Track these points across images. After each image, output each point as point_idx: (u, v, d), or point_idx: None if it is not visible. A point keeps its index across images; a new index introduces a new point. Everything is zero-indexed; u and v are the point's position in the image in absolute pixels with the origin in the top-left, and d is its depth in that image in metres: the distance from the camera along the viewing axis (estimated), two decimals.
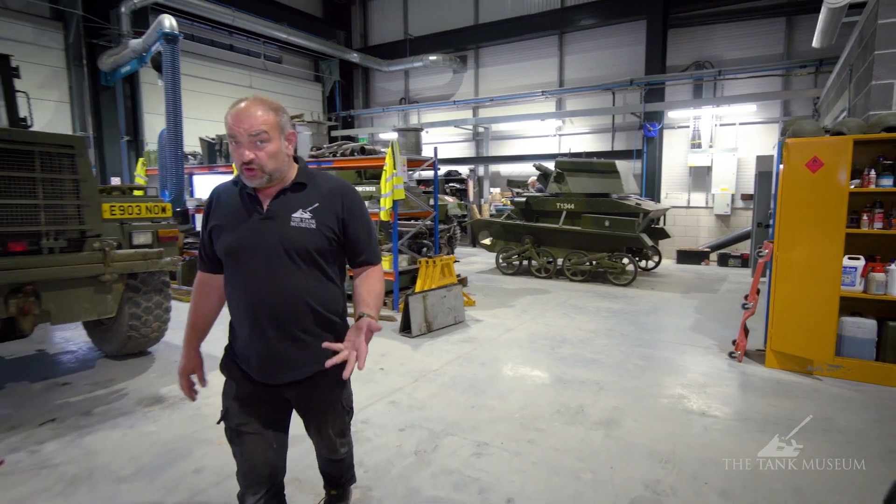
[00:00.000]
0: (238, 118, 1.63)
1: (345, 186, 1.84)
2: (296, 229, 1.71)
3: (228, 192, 1.83)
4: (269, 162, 1.66)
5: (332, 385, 1.90)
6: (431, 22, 16.30)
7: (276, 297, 1.71)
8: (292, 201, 1.74)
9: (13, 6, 10.52)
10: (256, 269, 1.71)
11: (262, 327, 1.74)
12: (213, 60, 14.38)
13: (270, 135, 1.65)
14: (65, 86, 11.26)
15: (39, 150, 3.92)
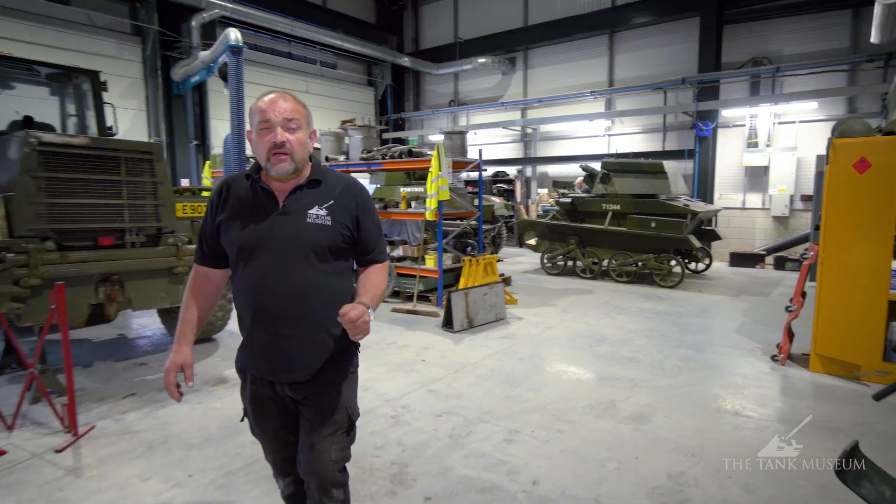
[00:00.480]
0: (273, 103, 1.65)
1: (357, 185, 1.86)
2: (312, 225, 1.70)
3: (239, 185, 1.78)
4: (299, 149, 1.68)
5: (336, 390, 1.81)
6: (481, 25, 16.50)
7: (285, 291, 1.69)
8: (308, 198, 1.73)
9: (99, 24, 11.57)
10: (269, 264, 1.68)
11: (272, 323, 1.71)
12: (272, 68, 15.17)
13: (301, 123, 1.69)
14: (142, 95, 12.26)
15: (124, 156, 4.44)
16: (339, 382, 1.82)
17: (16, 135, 4.23)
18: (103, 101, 6.09)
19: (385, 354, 5.31)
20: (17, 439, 3.46)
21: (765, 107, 11.59)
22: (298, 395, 1.79)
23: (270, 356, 1.74)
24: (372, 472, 3.05)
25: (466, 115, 17.36)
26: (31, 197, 4.01)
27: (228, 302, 5.58)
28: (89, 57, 10.97)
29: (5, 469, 3.07)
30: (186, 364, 1.80)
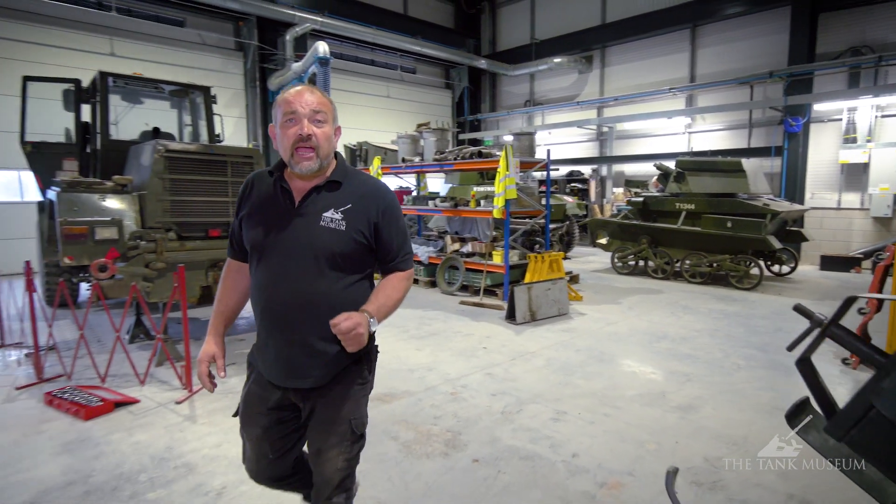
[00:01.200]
0: (300, 94, 1.61)
1: (382, 189, 1.77)
2: (324, 229, 1.62)
3: (263, 181, 1.75)
4: (325, 144, 1.63)
5: (342, 399, 1.73)
6: (557, 25, 16.53)
7: (292, 298, 1.63)
8: (325, 199, 1.66)
9: (209, 42, 13.00)
10: (278, 266, 1.65)
11: (280, 328, 1.67)
12: (356, 74, 16.14)
13: (327, 117, 1.64)
14: (243, 104, 13.60)
15: (230, 160, 5.21)
16: (344, 395, 1.73)
17: (148, 143, 5.11)
18: (213, 113, 7.01)
19: (450, 342, 5.73)
20: (146, 392, 4.25)
21: (865, 99, 10.76)
22: (303, 401, 1.75)
23: (278, 361, 1.69)
24: (429, 437, 3.47)
25: (542, 115, 17.46)
26: (158, 195, 4.85)
27: None
28: (199, 71, 12.39)
29: (140, 414, 3.84)
30: (217, 355, 1.81)
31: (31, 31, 10.46)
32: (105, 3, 11.31)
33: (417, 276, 8.96)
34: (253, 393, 1.78)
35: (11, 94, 8.57)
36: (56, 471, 3.05)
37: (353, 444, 1.75)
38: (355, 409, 1.75)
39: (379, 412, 3.86)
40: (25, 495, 2.81)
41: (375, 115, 16.36)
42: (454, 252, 8.47)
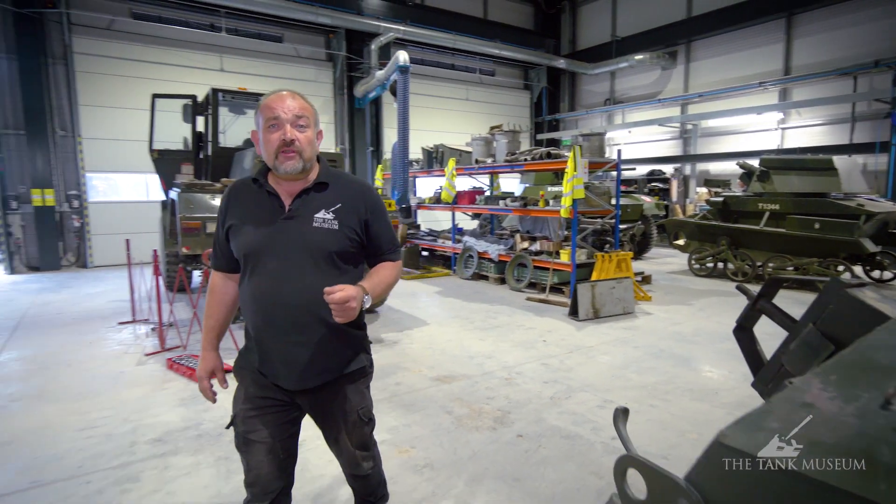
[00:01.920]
0: (281, 99, 1.64)
1: (366, 187, 1.84)
2: (318, 230, 1.67)
3: (247, 189, 1.77)
4: (308, 147, 1.65)
5: (348, 393, 1.81)
6: (640, 21, 16.17)
7: (294, 300, 1.66)
8: (315, 201, 1.70)
9: (303, 54, 14.19)
10: (275, 270, 1.66)
11: (279, 330, 1.68)
12: (436, 79, 16.78)
13: (309, 122, 1.67)
14: (332, 111, 14.68)
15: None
16: (350, 389, 1.81)
17: (249, 150, 5.90)
18: None
19: (512, 334, 6.05)
20: None
21: None
22: (307, 401, 1.79)
23: (284, 364, 1.70)
24: (480, 414, 3.84)
25: (622, 114, 17.13)
26: None
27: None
28: (294, 82, 13.56)
29: None
30: (217, 368, 1.87)
31: (157, 52, 12.05)
32: (216, 25, 12.75)
33: (487, 273, 9.32)
34: (253, 395, 1.77)
35: (141, 109, 10.00)
36: (176, 418, 3.77)
37: (365, 427, 1.86)
38: (361, 401, 1.84)
39: (438, 390, 4.29)
40: (155, 433, 3.54)
41: (453, 117, 16.91)
42: (523, 250, 8.74)
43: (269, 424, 1.76)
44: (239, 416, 1.77)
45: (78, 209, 11.51)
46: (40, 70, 10.68)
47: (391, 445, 3.36)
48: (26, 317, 6.99)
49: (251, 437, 1.75)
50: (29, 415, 3.88)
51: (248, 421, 1.76)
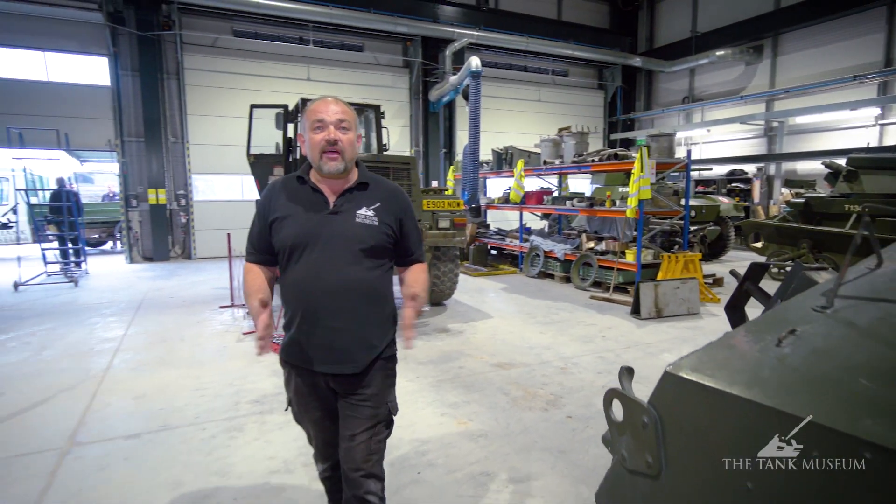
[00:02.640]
0: (326, 104, 1.78)
1: (401, 191, 1.98)
2: (360, 225, 1.80)
3: (291, 186, 1.88)
4: (349, 149, 1.78)
5: (375, 384, 1.88)
6: (723, 15, 15.54)
7: (334, 289, 1.77)
8: (357, 199, 1.84)
9: (382, 62, 15.00)
10: (319, 260, 1.77)
11: (323, 317, 1.78)
12: (508, 81, 17.05)
13: (350, 125, 1.80)
14: (407, 115, 15.39)
15: (392, 166, 6.40)
16: (383, 377, 1.91)
17: None
18: (381, 126, 8.43)
19: (572, 329, 6.28)
20: None
21: None
22: (342, 387, 1.86)
23: (320, 349, 1.80)
24: (534, 396, 4.17)
25: (701, 112, 16.55)
26: None
27: (455, 276, 7.27)
28: (373, 88, 14.41)
29: None
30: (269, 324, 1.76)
31: (254, 65, 13.29)
32: (304, 38, 13.83)
33: (553, 272, 9.53)
34: (300, 385, 1.90)
35: (239, 116, 11.13)
36: (269, 385, 4.41)
37: (386, 427, 1.93)
38: (391, 393, 1.96)
39: (497, 375, 4.66)
40: (254, 396, 4.19)
41: (524, 118, 17.11)
42: (589, 250, 8.87)
43: (317, 408, 1.92)
44: (293, 400, 1.97)
45: (185, 207, 12.96)
46: (157, 85, 12.16)
47: (451, 417, 3.78)
48: (145, 299, 8.12)
49: (306, 416, 1.96)
50: (154, 376, 4.68)
51: (301, 404, 1.94)
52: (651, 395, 1.23)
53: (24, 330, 6.21)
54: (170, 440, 3.47)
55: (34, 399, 4.14)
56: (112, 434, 3.56)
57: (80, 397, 4.19)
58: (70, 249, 10.00)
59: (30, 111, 11.40)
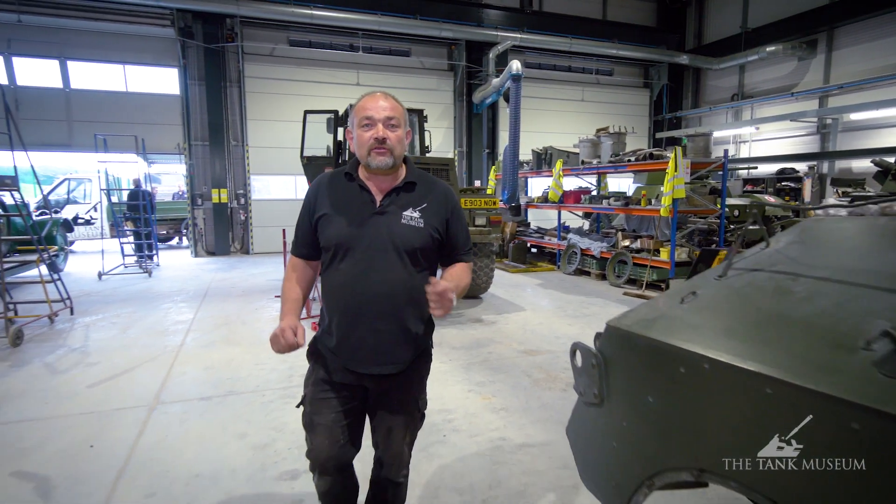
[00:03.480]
0: (375, 100, 1.75)
1: (449, 190, 1.94)
2: (406, 227, 1.77)
3: (338, 183, 1.86)
4: (398, 145, 1.75)
5: (414, 382, 1.92)
6: (774, 10, 15.14)
7: (380, 289, 1.75)
8: (404, 200, 1.81)
9: (427, 66, 15.56)
10: (364, 261, 1.75)
11: (363, 317, 1.76)
12: (551, 81, 17.22)
13: (399, 122, 1.76)
14: (451, 116, 15.88)
15: (433, 167, 6.88)
16: (421, 377, 1.95)
17: None
18: (424, 129, 8.94)
19: (601, 322, 6.49)
20: None
21: None
22: (381, 386, 1.86)
23: (363, 350, 1.78)
24: (555, 379, 4.54)
25: (751, 109, 16.16)
26: None
27: (491, 271, 7.67)
28: (419, 91, 14.98)
29: None
30: (297, 326, 1.78)
31: (307, 72, 14.14)
32: (354, 46, 14.57)
33: (589, 269, 9.76)
34: (323, 380, 1.86)
35: (294, 121, 11.93)
36: None
37: (420, 421, 1.99)
38: (423, 391, 1.98)
39: (523, 360, 5.05)
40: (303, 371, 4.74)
41: (567, 118, 17.23)
42: (624, 247, 9.06)
43: (333, 409, 1.84)
44: (308, 398, 1.89)
45: (244, 205, 13.96)
46: (221, 93, 13.18)
47: (477, 394, 4.22)
48: (210, 288, 8.96)
49: (315, 419, 1.85)
50: (220, 352, 5.35)
51: (316, 402, 1.86)
52: (598, 343, 1.63)
53: (109, 312, 7.10)
54: (235, 403, 4.07)
55: (124, 367, 4.88)
56: (188, 396, 4.21)
57: (160, 367, 4.90)
58: (144, 243, 11.08)
59: (112, 118, 12.66)
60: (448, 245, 1.90)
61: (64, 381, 4.52)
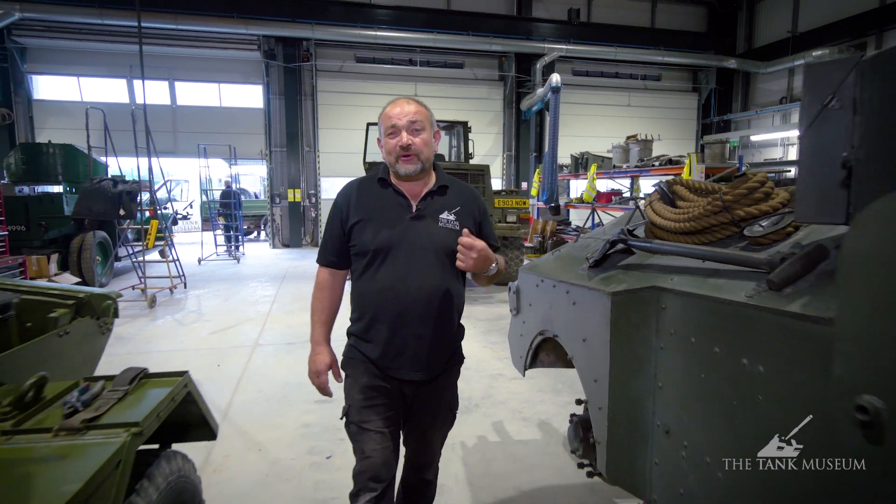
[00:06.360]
0: (398, 106, 1.76)
1: (476, 192, 2.00)
2: (443, 229, 1.79)
3: (371, 189, 1.85)
4: (425, 149, 1.75)
5: (449, 387, 1.95)
6: (824, 14, 15.25)
7: (421, 293, 1.74)
8: (438, 203, 1.82)
9: (479, 76, 16.87)
10: (404, 266, 1.74)
11: (404, 322, 1.76)
12: (598, 88, 18.01)
13: (424, 125, 1.76)
14: (500, 123, 17.11)
15: (470, 172, 8.21)
16: (450, 382, 1.96)
17: None
18: (468, 139, 10.27)
19: None
20: None
21: None
22: (420, 392, 1.86)
23: (404, 356, 1.78)
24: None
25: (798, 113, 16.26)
26: None
27: (520, 262, 8.89)
28: (471, 100, 16.34)
29: None
30: (333, 362, 1.92)
31: (371, 85, 15.83)
32: (413, 60, 16.13)
33: None
34: (368, 385, 1.82)
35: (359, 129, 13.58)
36: None
37: (451, 424, 2.04)
38: (455, 394, 2.02)
39: None
40: None
41: (614, 123, 17.93)
42: None
43: (381, 414, 1.82)
44: (354, 407, 1.84)
45: (314, 203, 15.85)
46: (297, 105, 15.12)
47: (489, 349, 5.52)
48: (287, 273, 10.72)
49: (366, 426, 1.81)
50: (298, 317, 6.91)
51: (364, 411, 1.81)
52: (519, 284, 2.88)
53: (212, 288, 8.94)
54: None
55: (231, 323, 6.56)
56: (277, 342, 5.77)
57: (256, 324, 6.53)
58: (233, 235, 13.10)
59: (208, 129, 14.92)
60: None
61: (191, 331, 6.24)
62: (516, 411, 3.99)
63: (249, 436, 3.59)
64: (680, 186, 2.01)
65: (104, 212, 7.75)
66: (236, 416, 3.91)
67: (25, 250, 7.83)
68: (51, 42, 14.20)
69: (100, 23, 13.20)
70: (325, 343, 1.96)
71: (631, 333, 1.63)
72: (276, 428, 3.70)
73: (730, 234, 1.58)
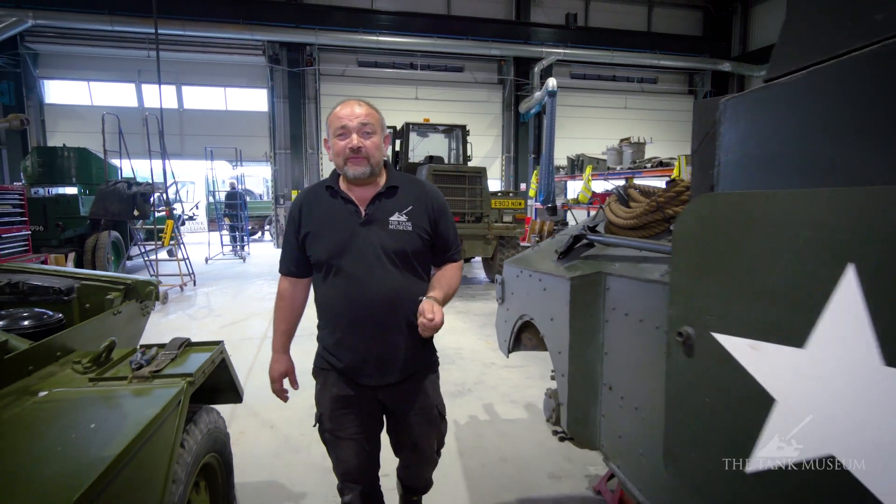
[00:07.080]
0: (348, 108, 1.73)
1: (433, 189, 1.93)
2: (394, 232, 1.76)
3: (319, 198, 1.83)
4: (375, 152, 1.72)
5: (426, 388, 1.92)
6: None
7: (377, 300, 1.73)
8: (388, 205, 1.79)
9: (479, 80, 17.24)
10: (358, 272, 1.73)
11: (363, 329, 1.76)
12: (595, 91, 18.37)
13: (375, 128, 1.74)
14: (500, 125, 17.47)
15: (467, 175, 8.57)
16: (428, 381, 1.93)
17: (424, 165, 8.85)
18: (466, 141, 10.63)
19: None
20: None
21: None
22: (393, 398, 1.87)
23: (367, 361, 1.78)
24: None
25: None
26: None
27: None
28: (470, 104, 16.70)
29: None
30: (289, 371, 1.99)
31: (373, 89, 16.21)
32: (414, 64, 16.51)
33: None
34: (338, 394, 1.84)
35: None
36: None
37: (442, 424, 2.00)
38: (437, 395, 1.97)
39: None
40: None
41: (610, 125, 18.29)
42: None
43: (355, 421, 1.84)
44: (325, 416, 1.86)
45: None
46: (300, 109, 15.52)
47: (483, 341, 5.87)
48: None
49: (339, 434, 1.85)
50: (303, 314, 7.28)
51: (335, 419, 1.84)
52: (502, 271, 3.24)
53: (220, 285, 9.31)
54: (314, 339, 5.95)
55: (240, 318, 6.93)
56: None
57: (263, 318, 6.90)
58: (238, 235, 13.49)
59: (214, 132, 15.33)
60: (438, 245, 1.90)
61: (203, 325, 6.61)
62: (506, 395, 4.35)
63: (262, 416, 3.96)
64: (632, 189, 2.37)
65: (119, 212, 8.13)
66: (249, 400, 4.21)
67: (44, 249, 8.23)
68: (62, 48, 14.65)
69: (111, 30, 13.62)
70: (283, 351, 2.02)
71: (585, 311, 1.99)
72: (285, 409, 4.03)
73: (663, 229, 1.94)
